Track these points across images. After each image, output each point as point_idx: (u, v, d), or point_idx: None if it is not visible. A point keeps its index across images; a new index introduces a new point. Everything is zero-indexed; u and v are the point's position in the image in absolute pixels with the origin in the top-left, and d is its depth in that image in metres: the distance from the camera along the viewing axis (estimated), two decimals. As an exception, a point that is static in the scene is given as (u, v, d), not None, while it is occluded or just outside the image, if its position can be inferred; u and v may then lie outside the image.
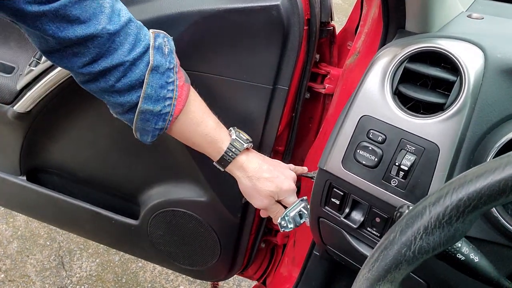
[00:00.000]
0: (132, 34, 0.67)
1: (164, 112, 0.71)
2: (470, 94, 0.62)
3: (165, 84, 0.70)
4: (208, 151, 0.82)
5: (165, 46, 0.72)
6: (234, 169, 0.83)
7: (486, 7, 0.91)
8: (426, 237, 0.41)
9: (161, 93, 0.70)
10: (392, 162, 0.67)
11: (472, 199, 0.39)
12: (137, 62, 0.67)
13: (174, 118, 0.74)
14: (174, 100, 0.73)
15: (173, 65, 0.73)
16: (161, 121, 0.73)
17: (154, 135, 0.75)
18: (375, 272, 0.42)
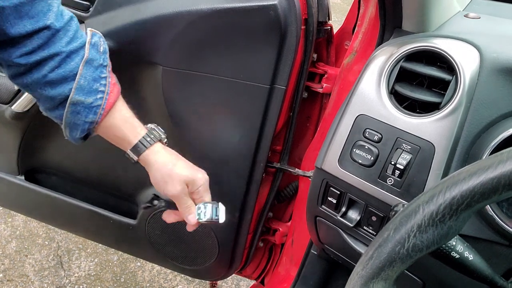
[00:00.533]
0: (72, 30, 0.70)
1: (96, 104, 0.71)
2: (465, 93, 0.62)
3: (98, 78, 0.71)
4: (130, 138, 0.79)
5: (101, 45, 0.73)
6: (151, 154, 0.80)
7: (483, 7, 0.91)
8: (420, 235, 0.41)
9: (93, 86, 0.71)
10: (388, 161, 0.67)
11: (465, 197, 0.39)
12: (73, 55, 0.68)
13: (105, 112, 0.73)
14: (106, 95, 0.73)
15: (106, 63, 0.75)
16: (92, 113, 0.72)
17: (84, 129, 0.74)
18: (369, 270, 0.43)
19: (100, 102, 0.72)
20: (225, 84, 0.98)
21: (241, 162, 1.07)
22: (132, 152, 0.78)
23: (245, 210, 1.14)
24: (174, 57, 0.98)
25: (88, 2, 1.01)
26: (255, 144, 1.03)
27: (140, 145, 0.78)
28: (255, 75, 0.96)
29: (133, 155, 0.78)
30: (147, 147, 0.78)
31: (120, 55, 1.01)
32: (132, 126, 0.79)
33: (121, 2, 0.99)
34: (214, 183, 1.13)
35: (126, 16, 0.98)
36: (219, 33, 0.94)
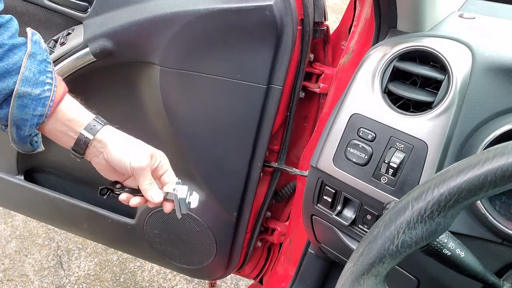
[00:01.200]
0: (13, 28, 0.67)
1: (44, 96, 0.68)
2: (457, 92, 0.63)
3: (43, 70, 0.68)
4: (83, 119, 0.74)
5: (42, 43, 0.70)
6: (107, 132, 0.74)
7: (478, 7, 0.92)
8: (409, 231, 0.41)
9: (40, 78, 0.68)
10: (381, 160, 0.68)
11: (452, 194, 0.40)
12: (15, 49, 0.66)
13: (55, 103, 0.69)
14: (54, 87, 0.69)
15: (49, 60, 0.71)
16: (40, 105, 0.68)
17: (32, 124, 0.69)
18: (359, 266, 0.43)
19: (48, 93, 0.68)
20: (222, 84, 0.99)
21: (239, 161, 1.07)
22: (87, 132, 0.72)
23: (243, 209, 1.14)
24: (172, 57, 0.99)
25: (86, 2, 1.02)
26: (252, 144, 1.04)
27: (96, 122, 0.73)
28: (252, 75, 0.97)
29: (88, 134, 0.72)
30: (103, 125, 0.74)
31: (117, 55, 1.02)
32: (83, 110, 0.74)
33: (118, 3, 1.00)
34: (212, 182, 1.14)
35: (123, 17, 0.99)
36: (216, 34, 0.95)
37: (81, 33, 1.03)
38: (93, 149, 0.73)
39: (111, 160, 0.73)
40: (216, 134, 1.06)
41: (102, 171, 0.76)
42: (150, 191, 0.75)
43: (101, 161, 0.74)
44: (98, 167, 0.76)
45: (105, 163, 0.74)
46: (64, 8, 1.03)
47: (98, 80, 1.09)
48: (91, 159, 0.75)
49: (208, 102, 1.03)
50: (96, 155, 0.74)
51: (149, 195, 0.75)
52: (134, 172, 0.74)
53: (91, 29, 1.02)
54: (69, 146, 0.73)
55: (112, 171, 0.76)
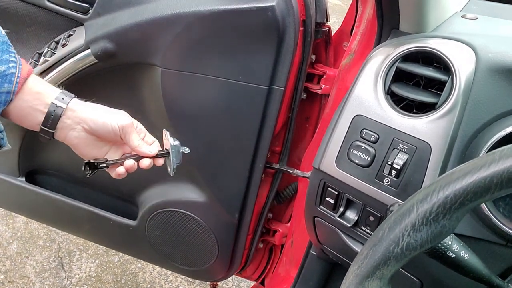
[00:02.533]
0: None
1: (9, 72, 0.66)
2: (461, 93, 0.63)
3: (6, 50, 0.66)
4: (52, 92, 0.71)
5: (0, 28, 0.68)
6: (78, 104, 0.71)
7: (480, 8, 0.92)
8: (414, 234, 0.41)
9: (3, 56, 0.65)
10: (385, 161, 0.67)
11: (458, 196, 0.39)
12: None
13: (22, 80, 0.67)
14: (19, 65, 0.67)
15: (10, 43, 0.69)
16: (7, 82, 0.66)
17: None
18: (364, 269, 0.43)
19: (14, 70, 0.66)
20: (223, 85, 0.99)
21: (240, 163, 1.07)
22: (59, 101, 0.69)
23: (244, 211, 1.14)
24: (173, 59, 0.99)
25: (87, 4, 1.02)
26: (254, 145, 1.03)
27: (65, 94, 0.70)
28: (253, 76, 0.97)
29: (61, 103, 0.69)
30: (72, 97, 0.70)
31: (119, 57, 1.02)
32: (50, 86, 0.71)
33: (120, 4, 1.00)
34: (214, 184, 1.13)
35: (125, 18, 0.99)
36: (218, 35, 0.95)
37: (82, 34, 1.03)
38: (67, 122, 0.70)
39: (94, 127, 0.70)
40: (218, 136, 1.06)
41: (80, 146, 0.72)
42: (144, 146, 0.74)
43: (79, 134, 0.71)
44: (75, 141, 0.72)
45: (85, 135, 0.71)
46: (65, 10, 1.03)
47: (99, 81, 1.09)
48: (65, 136, 0.71)
49: (209, 104, 1.02)
50: (71, 128, 0.70)
51: (145, 149, 0.73)
52: (123, 131, 0.71)
53: (92, 30, 1.02)
54: (38, 124, 0.70)
55: (91, 144, 0.73)
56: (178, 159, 0.76)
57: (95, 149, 0.74)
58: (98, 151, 0.74)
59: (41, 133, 0.71)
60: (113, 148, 0.76)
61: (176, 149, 0.75)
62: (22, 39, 1.12)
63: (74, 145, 0.73)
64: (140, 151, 0.74)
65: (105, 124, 0.70)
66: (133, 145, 0.73)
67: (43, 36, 1.10)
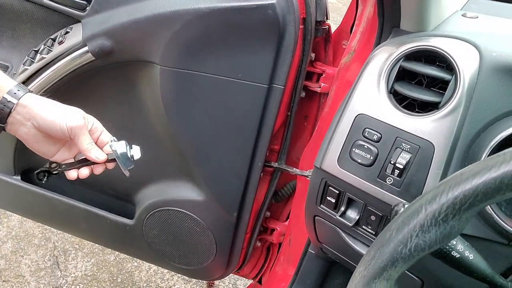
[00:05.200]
0: None
1: None
2: (465, 92, 0.63)
3: None
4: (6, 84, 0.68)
5: None
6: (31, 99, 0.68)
7: (481, 6, 0.91)
8: (422, 234, 0.41)
9: None
10: (387, 161, 0.67)
11: (468, 196, 0.39)
12: None
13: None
14: None
15: None
16: None
17: None
18: (371, 270, 0.43)
19: None
20: (223, 83, 0.98)
21: (239, 161, 1.06)
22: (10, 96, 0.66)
23: (242, 209, 1.14)
24: (172, 57, 0.98)
25: (85, 1, 1.01)
26: (253, 144, 1.03)
27: (19, 88, 0.67)
28: (253, 75, 0.96)
29: (12, 98, 0.66)
30: (26, 91, 0.68)
31: (117, 54, 1.01)
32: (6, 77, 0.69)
33: (118, 1, 0.99)
34: (212, 183, 1.13)
35: (123, 15, 0.97)
36: (217, 32, 0.94)
37: (79, 31, 1.01)
38: (17, 117, 0.67)
39: (43, 125, 0.68)
40: (217, 134, 1.05)
41: (30, 142, 0.71)
42: (92, 151, 0.72)
43: (29, 131, 0.69)
44: (25, 137, 0.70)
45: (34, 132, 0.69)
46: (63, 7, 1.02)
47: (96, 79, 1.07)
48: (16, 130, 0.69)
49: (208, 102, 1.02)
50: (22, 123, 0.68)
51: (92, 155, 0.72)
52: (72, 133, 0.69)
53: (89, 27, 1.00)
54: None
55: (42, 141, 0.71)
56: (128, 165, 0.75)
57: (46, 146, 0.72)
58: (49, 148, 0.72)
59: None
60: (66, 146, 0.74)
61: (123, 156, 0.73)
62: (18, 36, 1.11)
63: (24, 141, 0.71)
64: (88, 156, 0.72)
65: (54, 123, 0.68)
66: (82, 148, 0.71)
67: (40, 33, 1.09)
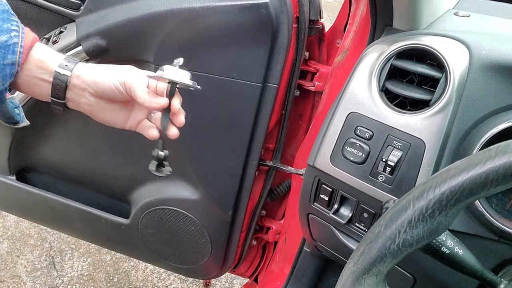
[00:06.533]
0: None
1: (12, 42, 0.62)
2: (455, 90, 0.63)
3: (7, 19, 0.63)
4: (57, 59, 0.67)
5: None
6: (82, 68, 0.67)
7: (473, 5, 0.92)
8: (410, 230, 0.41)
9: (4, 25, 0.62)
10: (379, 158, 0.68)
11: (454, 192, 0.39)
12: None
13: (26, 49, 0.64)
14: (22, 34, 0.64)
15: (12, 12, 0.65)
16: (10, 53, 0.62)
17: (5, 76, 0.63)
18: (360, 266, 0.43)
19: (16, 40, 0.62)
20: (217, 82, 0.98)
21: (234, 160, 1.07)
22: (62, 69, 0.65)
23: (238, 208, 1.14)
24: (166, 56, 0.98)
25: (79, 0, 1.01)
26: (247, 142, 1.03)
27: (69, 60, 0.66)
28: (247, 73, 0.96)
29: (65, 71, 0.65)
30: (76, 62, 0.66)
31: (111, 53, 1.01)
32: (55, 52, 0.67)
33: (112, 0, 0.99)
34: (207, 181, 1.13)
35: (117, 15, 0.98)
36: (211, 31, 0.94)
37: (73, 31, 1.01)
38: (74, 89, 0.66)
39: (98, 90, 0.66)
40: (211, 133, 1.06)
41: (95, 113, 0.69)
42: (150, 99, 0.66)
43: (89, 101, 0.67)
44: (89, 109, 0.68)
45: (95, 100, 0.67)
46: (57, 6, 1.02)
47: (91, 78, 1.08)
48: (78, 104, 0.68)
49: (203, 101, 1.02)
50: (80, 95, 0.67)
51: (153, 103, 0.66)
52: (126, 87, 0.65)
53: (84, 27, 1.01)
54: (47, 95, 0.67)
55: (107, 109, 0.68)
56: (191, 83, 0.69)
57: (113, 113, 0.69)
58: (117, 114, 0.70)
59: (53, 104, 0.68)
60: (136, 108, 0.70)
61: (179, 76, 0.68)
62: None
63: (89, 113, 0.69)
64: (148, 106, 0.66)
65: (106, 83, 0.65)
66: (140, 101, 0.65)
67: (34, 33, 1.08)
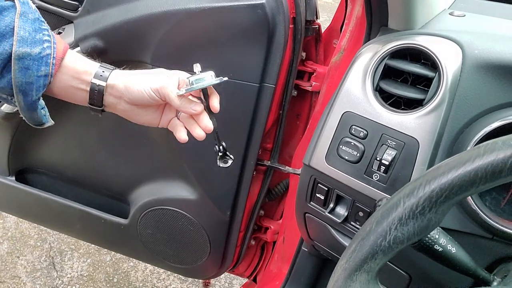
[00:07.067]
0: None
1: (45, 54, 0.64)
2: (448, 89, 0.64)
3: (39, 28, 0.65)
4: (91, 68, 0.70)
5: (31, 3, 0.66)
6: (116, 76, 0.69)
7: (468, 5, 0.93)
8: (401, 227, 0.42)
9: (36, 36, 0.64)
10: (373, 157, 0.68)
11: (444, 189, 0.40)
12: (4, 11, 0.62)
13: (58, 60, 0.65)
14: (54, 44, 0.65)
15: (42, 19, 0.67)
16: (43, 65, 0.64)
17: (39, 87, 0.65)
18: (352, 263, 0.44)
19: (49, 51, 0.64)
20: (214, 83, 0.99)
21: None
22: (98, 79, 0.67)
23: (236, 208, 1.14)
24: (163, 56, 0.99)
25: (76, 1, 1.02)
26: (245, 142, 1.04)
27: (103, 69, 0.68)
28: (244, 74, 0.97)
29: (100, 82, 0.67)
30: (111, 70, 0.69)
31: (108, 54, 1.02)
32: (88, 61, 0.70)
33: (110, 1, 1.00)
34: (205, 181, 1.13)
35: (115, 16, 0.98)
36: (208, 32, 0.95)
37: (72, 32, 1.02)
38: (109, 97, 0.69)
39: (133, 99, 0.68)
40: (209, 133, 1.06)
41: (131, 116, 0.71)
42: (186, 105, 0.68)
43: (125, 107, 0.70)
44: (125, 114, 0.71)
45: (130, 107, 0.70)
46: (55, 7, 1.03)
47: (89, 79, 1.08)
48: (114, 109, 0.71)
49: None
50: (117, 103, 0.69)
51: (189, 109, 0.68)
52: (160, 94, 0.67)
53: (82, 28, 1.01)
54: (85, 101, 0.69)
55: (141, 113, 0.71)
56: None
57: (147, 116, 0.72)
58: (151, 116, 0.72)
59: (91, 110, 0.70)
60: (167, 108, 0.73)
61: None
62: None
63: (126, 117, 0.72)
64: (185, 111, 0.68)
65: (140, 92, 0.67)
66: (176, 106, 0.68)
67: (32, 34, 1.09)
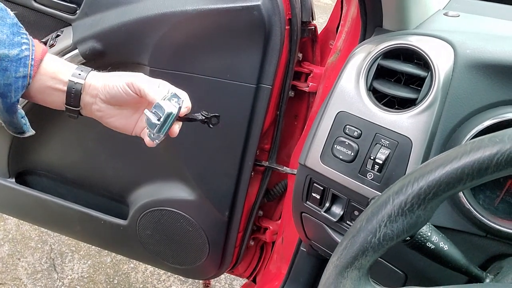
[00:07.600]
0: None
1: (23, 55, 0.64)
2: (440, 89, 0.64)
3: (17, 32, 0.65)
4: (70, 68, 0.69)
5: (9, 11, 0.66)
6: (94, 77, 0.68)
7: (463, 5, 0.93)
8: (390, 224, 0.42)
9: (14, 39, 0.64)
10: (367, 156, 0.69)
11: (431, 187, 0.41)
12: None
13: (37, 62, 0.65)
14: (32, 46, 0.65)
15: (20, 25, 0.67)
16: (21, 65, 0.64)
17: (17, 88, 0.64)
18: (343, 260, 0.44)
19: (27, 52, 0.64)
20: (211, 84, 0.99)
21: (230, 161, 1.08)
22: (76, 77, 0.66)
23: (234, 209, 1.15)
24: (161, 58, 0.99)
25: (74, 4, 1.03)
26: (242, 143, 1.04)
27: (81, 69, 0.68)
28: (241, 75, 0.98)
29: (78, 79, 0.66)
30: (89, 71, 0.68)
31: (107, 56, 1.03)
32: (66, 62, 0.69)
33: (107, 4, 1.00)
34: (204, 182, 1.14)
35: (112, 18, 0.99)
36: (205, 34, 0.95)
37: (70, 34, 1.03)
38: (86, 96, 0.67)
39: (107, 95, 0.67)
40: (207, 134, 1.07)
41: (106, 119, 0.70)
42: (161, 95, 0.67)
43: (99, 107, 0.68)
44: (99, 115, 0.70)
45: (106, 106, 0.68)
46: (53, 10, 1.04)
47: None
48: (90, 111, 0.69)
49: (197, 102, 1.02)
50: (92, 102, 0.68)
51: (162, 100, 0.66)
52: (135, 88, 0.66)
53: (80, 30, 1.02)
54: (61, 103, 0.68)
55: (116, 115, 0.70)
56: None
57: (123, 119, 0.71)
58: (128, 120, 0.71)
59: (67, 112, 0.69)
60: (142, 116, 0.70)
61: None
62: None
63: (100, 120, 0.71)
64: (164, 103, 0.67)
65: (115, 87, 0.66)
66: (152, 98, 0.66)
67: (31, 37, 1.10)
